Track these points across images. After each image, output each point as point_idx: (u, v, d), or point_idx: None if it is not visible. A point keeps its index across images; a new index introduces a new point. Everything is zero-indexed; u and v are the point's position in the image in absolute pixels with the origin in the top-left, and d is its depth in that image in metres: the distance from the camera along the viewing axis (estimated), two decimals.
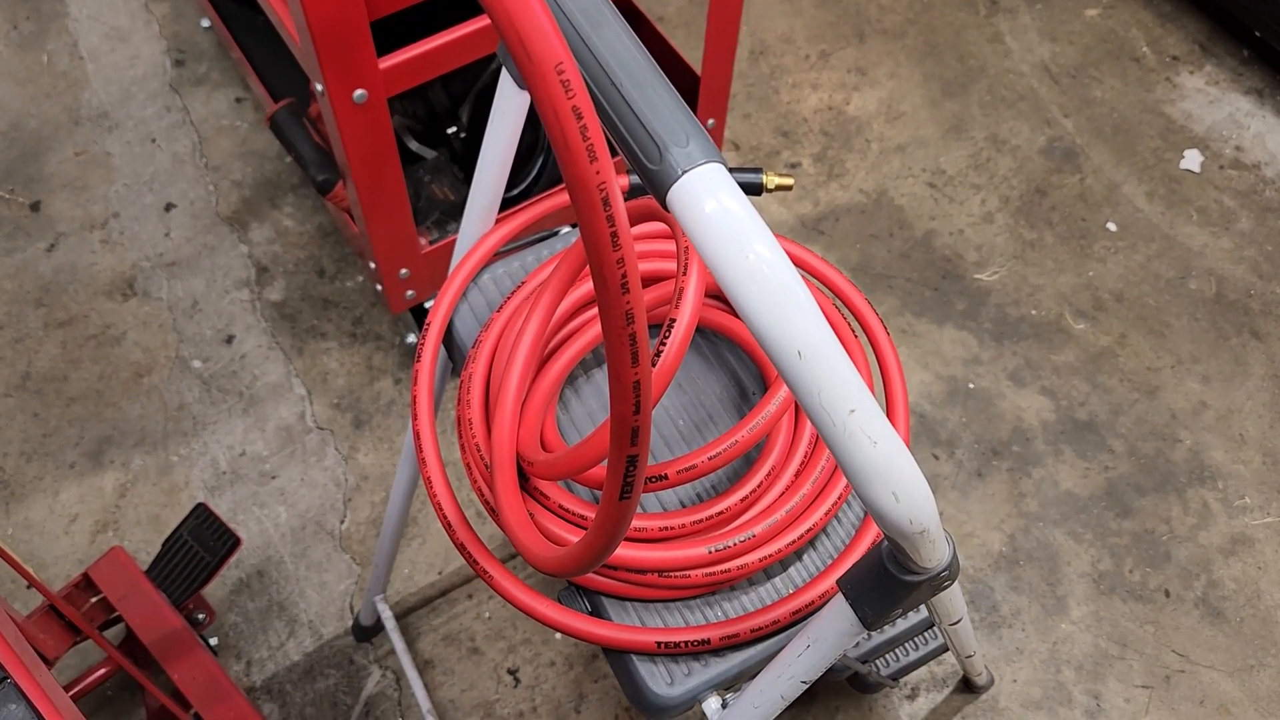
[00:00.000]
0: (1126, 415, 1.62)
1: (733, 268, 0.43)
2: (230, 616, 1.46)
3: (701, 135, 0.43)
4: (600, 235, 0.40)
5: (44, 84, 1.87)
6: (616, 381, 0.46)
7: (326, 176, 1.39)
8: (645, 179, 0.44)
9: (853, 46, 1.96)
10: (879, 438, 0.45)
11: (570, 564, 0.60)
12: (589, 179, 0.39)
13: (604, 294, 0.42)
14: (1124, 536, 1.52)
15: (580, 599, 0.80)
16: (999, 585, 1.49)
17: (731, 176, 0.43)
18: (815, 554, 0.82)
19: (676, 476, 0.74)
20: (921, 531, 0.50)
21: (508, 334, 0.83)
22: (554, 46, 0.37)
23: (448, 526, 0.80)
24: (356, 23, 1.13)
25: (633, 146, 0.44)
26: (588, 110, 0.38)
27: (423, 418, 0.84)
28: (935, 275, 1.73)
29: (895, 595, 0.60)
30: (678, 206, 0.43)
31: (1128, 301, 1.71)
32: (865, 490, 0.47)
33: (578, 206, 0.40)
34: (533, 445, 0.77)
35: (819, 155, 1.85)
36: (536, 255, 0.92)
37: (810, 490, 0.79)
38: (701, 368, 0.89)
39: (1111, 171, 1.84)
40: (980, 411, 1.62)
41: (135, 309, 1.68)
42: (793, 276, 0.44)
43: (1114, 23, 2.00)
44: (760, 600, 0.80)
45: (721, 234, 0.43)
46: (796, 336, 0.43)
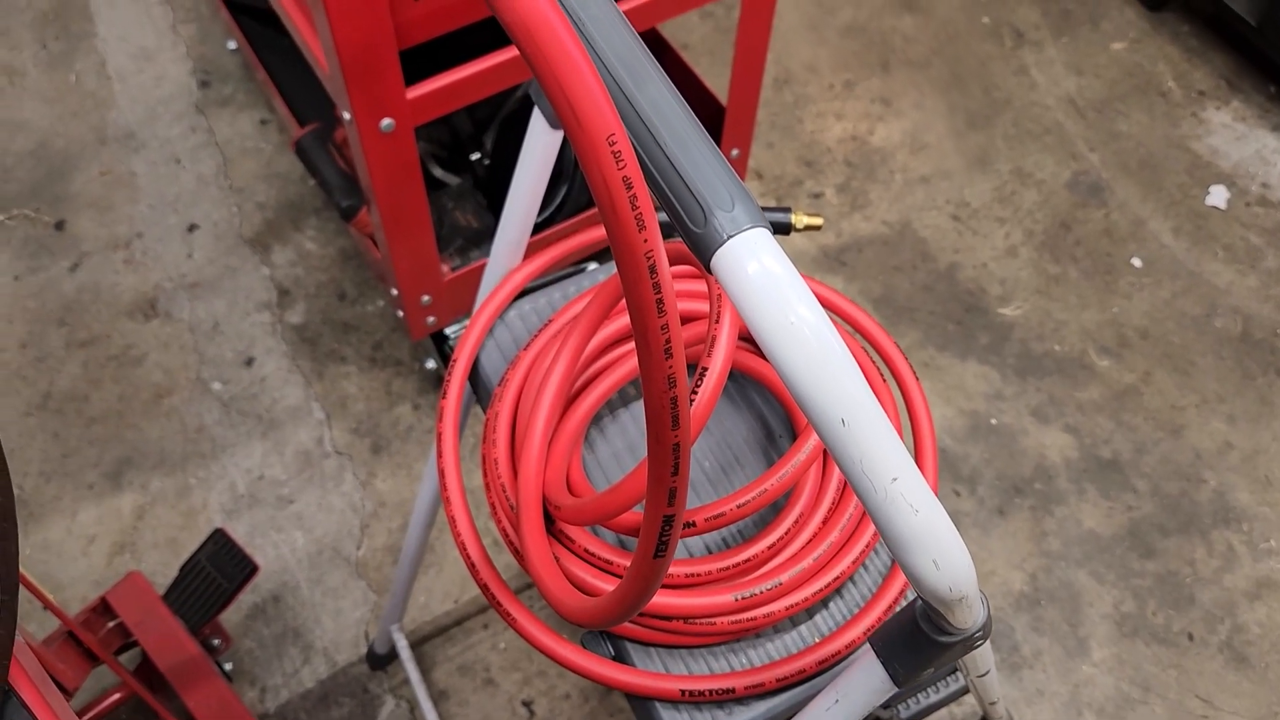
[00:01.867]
0: (1150, 454, 1.60)
1: (779, 336, 0.42)
2: (245, 642, 1.45)
3: (746, 198, 0.43)
4: (646, 302, 0.40)
5: (71, 103, 1.89)
6: (656, 444, 0.45)
7: (351, 202, 1.39)
8: (689, 241, 0.44)
9: (877, 77, 1.95)
10: (921, 505, 0.44)
11: (600, 616, 0.59)
12: (637, 247, 0.38)
13: (647, 358, 0.42)
14: (1147, 578, 1.51)
15: (604, 643, 0.79)
16: (1020, 625, 1.47)
17: (776, 241, 0.42)
18: (842, 602, 0.81)
19: (704, 524, 0.73)
20: (960, 599, 0.49)
21: (534, 373, 0.82)
22: (606, 117, 0.36)
23: (471, 566, 0.80)
24: (385, 52, 1.13)
25: (677, 208, 0.43)
26: (637, 180, 0.38)
27: (448, 455, 0.83)
28: (958, 309, 1.72)
29: (928, 655, 0.59)
30: (722, 270, 0.43)
31: (1153, 339, 1.70)
32: (905, 557, 0.46)
33: (624, 272, 0.39)
34: (559, 488, 0.76)
35: (842, 186, 1.84)
36: (563, 292, 0.92)
37: (838, 538, 0.78)
38: (729, 410, 0.88)
39: (1137, 207, 1.83)
40: (1003, 448, 1.60)
41: (157, 330, 1.68)
42: (837, 343, 0.43)
43: (1140, 57, 1.99)
44: (786, 649, 0.79)
45: (767, 301, 0.42)
46: (840, 404, 0.42)
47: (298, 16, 1.22)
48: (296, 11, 1.23)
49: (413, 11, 1.16)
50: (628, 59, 0.47)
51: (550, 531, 0.77)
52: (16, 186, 1.81)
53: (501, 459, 0.79)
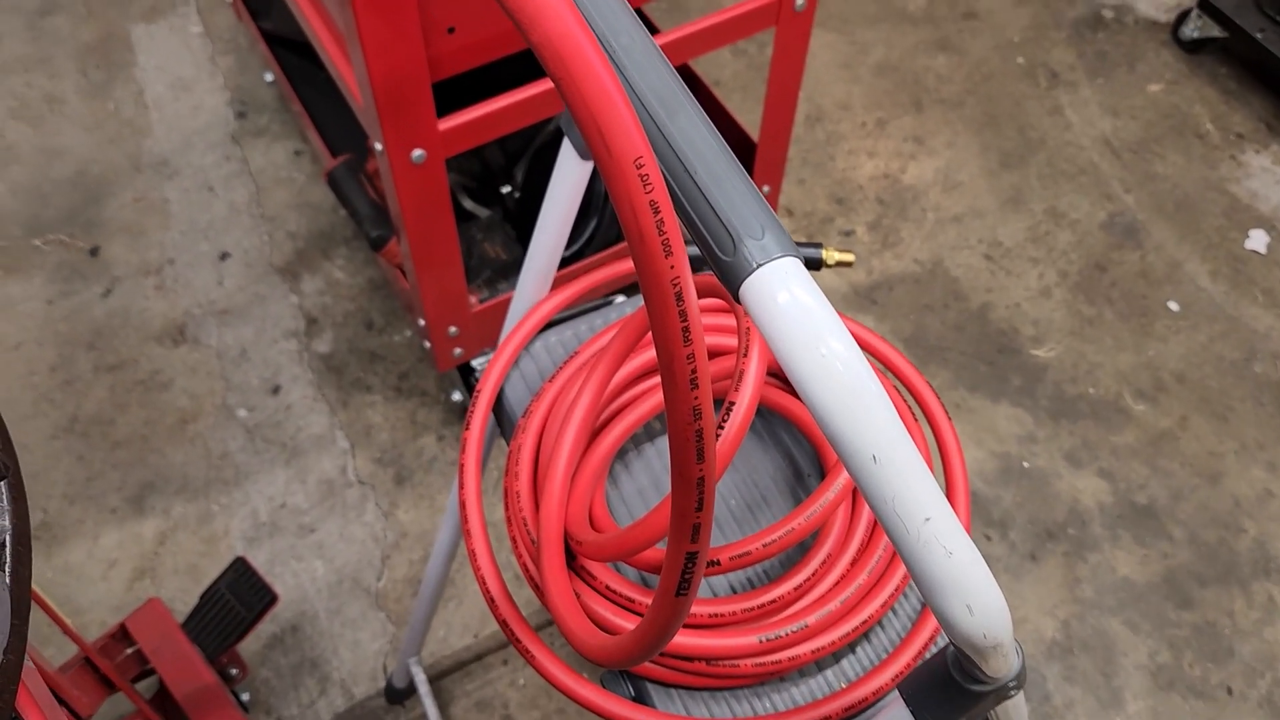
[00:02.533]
0: (1187, 501, 1.56)
1: (809, 368, 0.41)
2: (262, 672, 1.44)
3: (777, 227, 0.42)
4: (672, 330, 0.39)
5: (109, 131, 1.91)
6: (680, 477, 0.44)
7: (380, 233, 1.39)
8: (718, 270, 0.42)
9: (910, 115, 1.95)
10: (955, 548, 0.43)
11: (620, 655, 0.58)
12: (663, 273, 0.37)
13: (672, 389, 0.40)
14: (1184, 628, 1.46)
15: (624, 684, 0.77)
16: (1052, 674, 1.43)
17: (807, 271, 0.41)
18: (869, 647, 0.78)
19: (729, 563, 0.71)
20: (995, 646, 0.47)
21: (559, 405, 0.81)
22: (634, 140, 0.35)
23: (490, 601, 0.78)
24: (418, 84, 1.13)
25: (706, 237, 0.42)
26: (665, 205, 0.37)
27: (469, 487, 0.82)
28: (990, 349, 1.70)
29: (960, 705, 0.56)
30: (751, 300, 0.42)
31: (1190, 383, 1.67)
32: (938, 601, 0.44)
33: (650, 300, 0.38)
34: (581, 523, 0.75)
35: (873, 223, 1.83)
36: (590, 325, 0.91)
37: (866, 580, 0.76)
38: (755, 446, 0.86)
39: (1174, 249, 1.80)
40: (1035, 492, 1.57)
41: (185, 355, 1.69)
42: (870, 378, 0.41)
43: (1177, 99, 1.97)
44: (811, 694, 0.77)
45: (797, 331, 0.41)
46: (872, 440, 0.41)
47: (333, 49, 1.23)
48: (332, 44, 1.24)
49: (446, 45, 1.16)
50: (659, 88, 0.46)
51: (571, 567, 0.76)
52: (53, 212, 1.83)
53: (524, 492, 0.78)
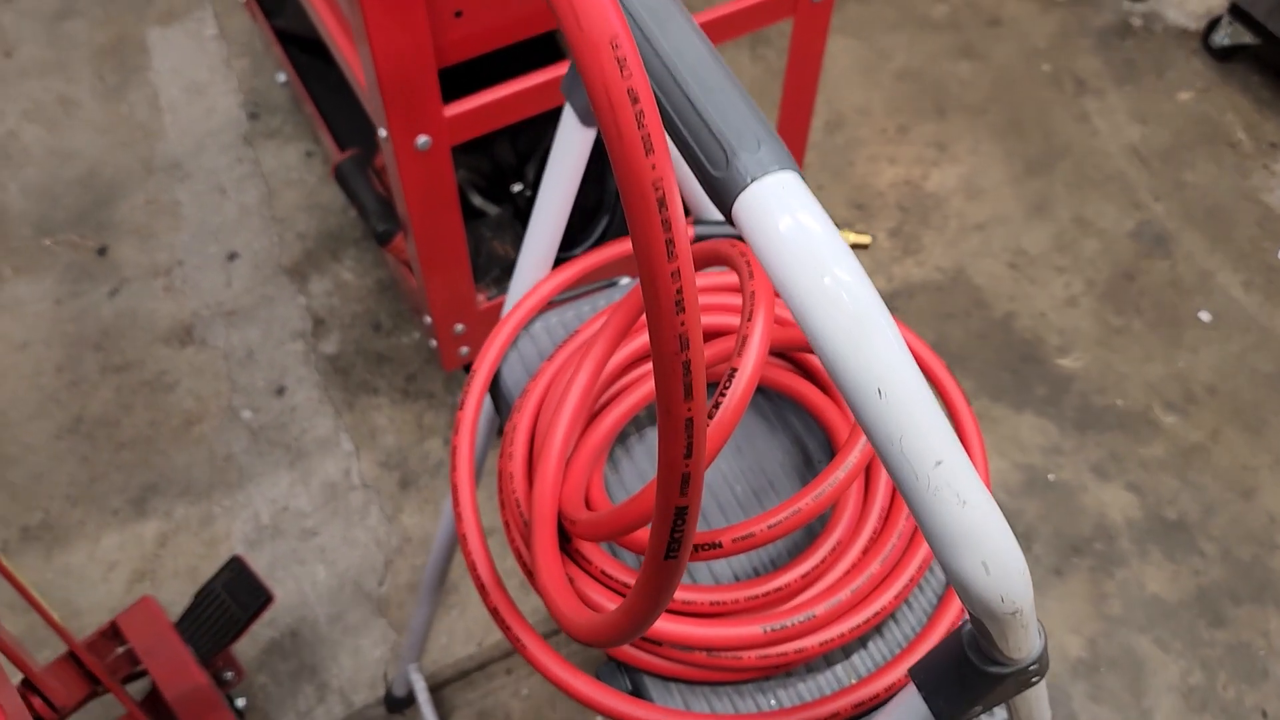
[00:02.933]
0: (1220, 516, 1.50)
1: (806, 290, 0.37)
2: (260, 677, 1.40)
3: (775, 141, 0.38)
4: (654, 242, 0.35)
5: (122, 134, 1.90)
6: (666, 416, 0.40)
7: (387, 227, 1.36)
8: (709, 188, 0.39)
9: (932, 121, 1.91)
10: (969, 496, 0.38)
11: (607, 632, 0.54)
12: (643, 173, 0.33)
13: (655, 312, 0.37)
14: (1217, 648, 1.40)
15: (621, 677, 0.73)
16: (1077, 693, 1.37)
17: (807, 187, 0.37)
18: (882, 642, 0.74)
19: (731, 545, 0.67)
20: (1014, 612, 0.42)
21: (556, 384, 0.77)
22: (610, 19, 0.32)
23: (481, 588, 0.74)
24: (424, 68, 1.10)
25: (696, 151, 0.38)
26: (645, 94, 0.33)
27: (462, 469, 0.78)
28: (1014, 358, 1.65)
29: (976, 688, 0.52)
30: (744, 219, 0.38)
31: (1221, 395, 1.61)
32: (949, 558, 0.40)
33: (629, 206, 0.34)
34: (577, 504, 0.71)
35: (894, 230, 1.79)
36: (593, 305, 0.87)
37: (879, 570, 0.72)
38: (763, 431, 0.82)
39: (1204, 259, 1.75)
40: (1060, 504, 1.52)
41: (191, 357, 1.66)
42: (877, 303, 0.37)
43: (1208, 107, 1.93)
44: (819, 690, 0.72)
45: (794, 251, 0.37)
46: (878, 372, 0.37)
47: (338, 33, 1.21)
48: (337, 28, 1.21)
49: (454, 31, 1.14)
50: (650, 1, 0.43)
51: (566, 552, 0.72)
52: (64, 213, 1.81)
53: (518, 473, 0.74)
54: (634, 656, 0.71)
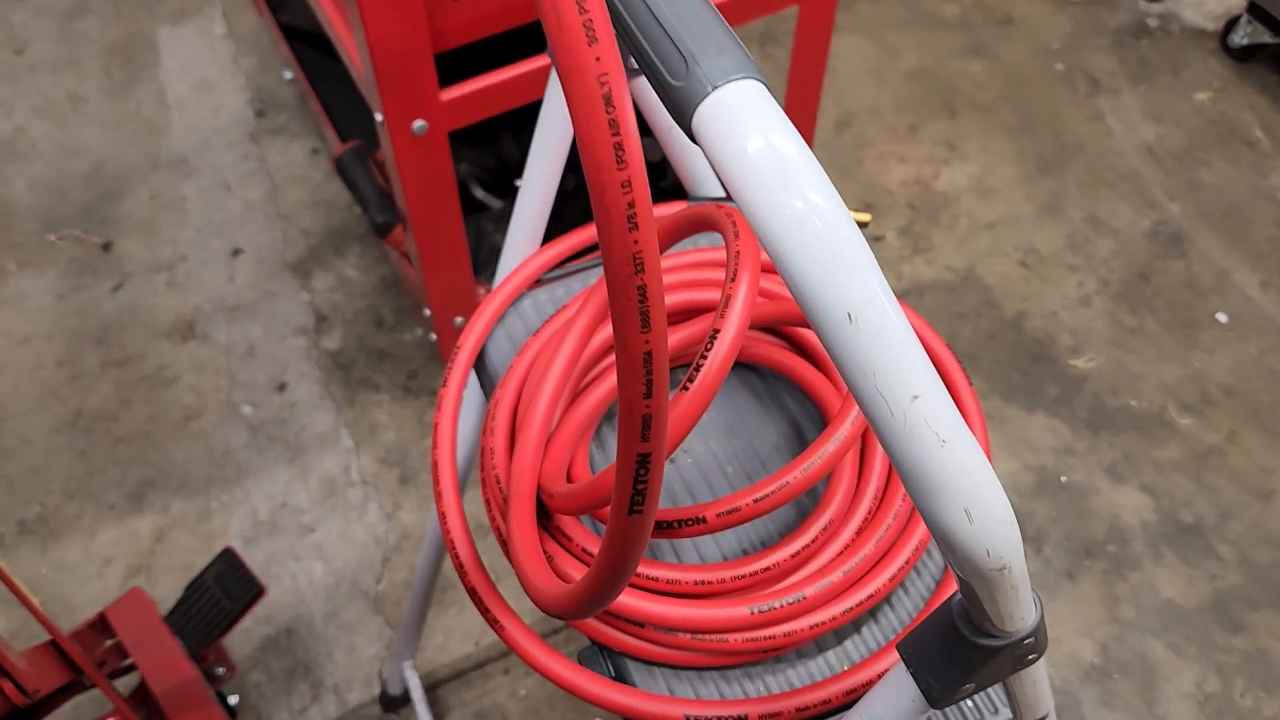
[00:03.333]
0: (1237, 520, 1.46)
1: (768, 204, 0.34)
2: (254, 675, 1.38)
3: (739, 49, 0.36)
4: (600, 146, 0.32)
5: (129, 130, 1.90)
6: (623, 350, 0.37)
7: (386, 218, 1.35)
8: (668, 101, 0.36)
9: (943, 120, 1.88)
10: (949, 435, 0.36)
11: (575, 600, 0.51)
12: (586, 66, 0.31)
13: (606, 229, 0.34)
14: (1234, 654, 1.36)
15: (603, 661, 0.70)
16: (1088, 699, 1.33)
17: (772, 97, 0.35)
18: (876, 627, 0.71)
19: (716, 520, 0.64)
20: (1001, 568, 0.40)
21: (540, 360, 0.75)
22: None
23: (460, 568, 0.71)
24: (420, 52, 1.09)
25: (654, 60, 0.36)
26: None
27: (443, 446, 0.76)
28: (1025, 358, 1.62)
29: (967, 663, 0.49)
30: (705, 131, 0.35)
31: (1238, 396, 1.57)
32: (928, 504, 0.37)
33: (573, 104, 0.32)
34: (558, 479, 0.68)
35: (904, 229, 1.76)
36: (584, 281, 0.85)
37: (874, 551, 0.69)
38: (756, 411, 0.79)
39: (1221, 258, 1.71)
40: (1072, 506, 1.48)
41: (192, 351, 1.65)
42: (847, 223, 0.35)
43: (1225, 106, 1.89)
44: (809, 676, 0.69)
45: (758, 163, 0.34)
46: (847, 296, 0.34)
47: (336, 18, 1.20)
48: (335, 13, 1.20)
49: (451, 15, 1.12)
50: None
51: (548, 530, 0.69)
52: (69, 208, 1.81)
53: (499, 448, 0.72)
54: (616, 639, 0.69)
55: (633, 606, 0.66)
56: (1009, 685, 0.61)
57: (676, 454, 0.77)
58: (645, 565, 0.67)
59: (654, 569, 0.67)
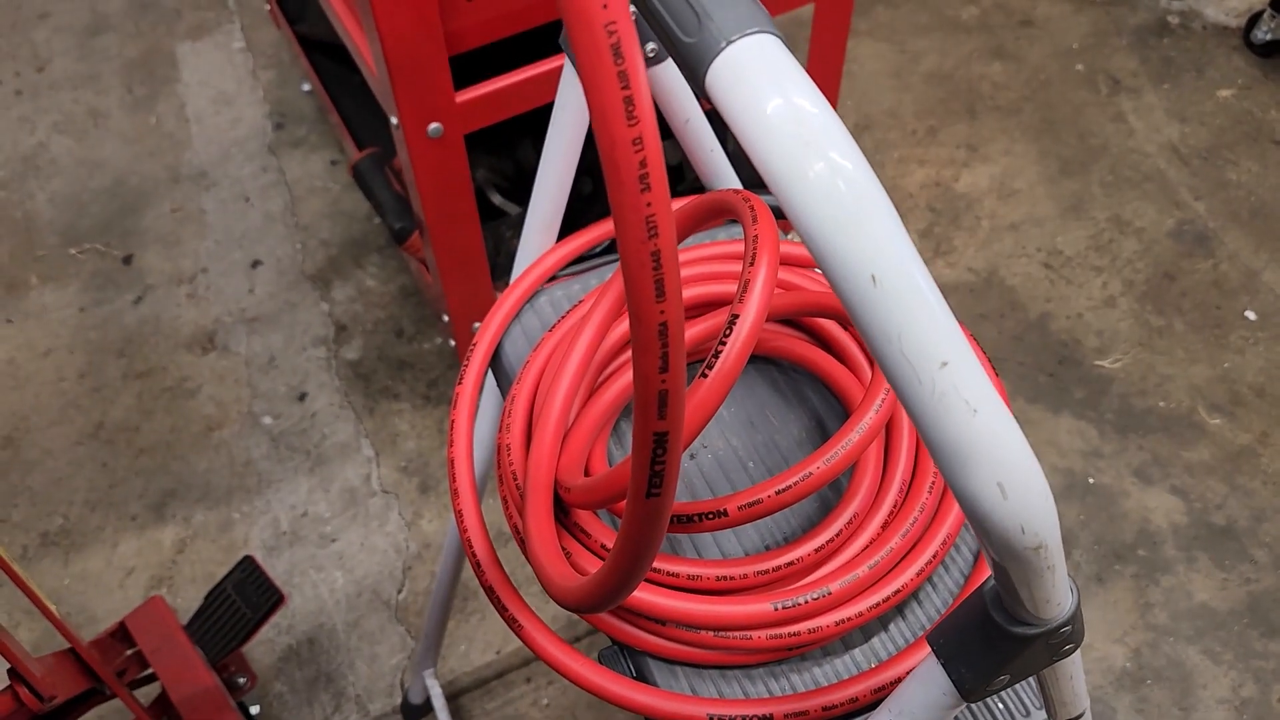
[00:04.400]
0: (1271, 522, 1.43)
1: (788, 165, 0.33)
2: (276, 685, 1.37)
3: (753, 2, 0.34)
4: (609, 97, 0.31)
5: (150, 144, 1.91)
6: (638, 323, 0.36)
7: (403, 225, 1.34)
8: (680, 60, 0.35)
9: (963, 123, 1.87)
10: (981, 403, 0.34)
11: (593, 592, 0.50)
12: (593, 11, 0.30)
13: (617, 192, 0.33)
14: (1271, 660, 1.33)
15: (624, 660, 0.69)
16: (1122, 706, 1.30)
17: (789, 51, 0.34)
18: (904, 623, 0.69)
19: (738, 513, 0.63)
20: (1038, 547, 0.38)
21: (557, 355, 0.74)
22: None
23: (476, 566, 0.70)
24: (434, 55, 1.09)
25: (664, 15, 0.35)
26: None
27: (459, 443, 0.74)
28: (1051, 360, 1.59)
29: (1001, 653, 0.47)
30: (720, 89, 0.34)
31: (1270, 397, 1.54)
32: (958, 476, 0.35)
33: (580, 56, 0.31)
34: (575, 473, 0.67)
35: (925, 231, 1.74)
36: (600, 276, 0.84)
37: (900, 544, 0.67)
38: (779, 406, 0.78)
39: (1249, 258, 1.68)
40: (1101, 509, 1.45)
41: (213, 363, 1.65)
42: (871, 181, 0.34)
43: (1250, 104, 1.87)
44: (836, 674, 0.67)
45: (775, 122, 0.33)
46: (871, 257, 0.33)
47: (350, 22, 1.20)
48: (349, 17, 1.20)
49: (465, 17, 1.12)
50: None
51: (565, 526, 0.68)
52: (90, 221, 1.82)
53: (515, 445, 0.71)
54: (637, 637, 0.67)
55: (653, 603, 0.65)
56: (1043, 680, 0.59)
57: (696, 448, 0.75)
58: (665, 561, 0.66)
59: (674, 565, 0.65)
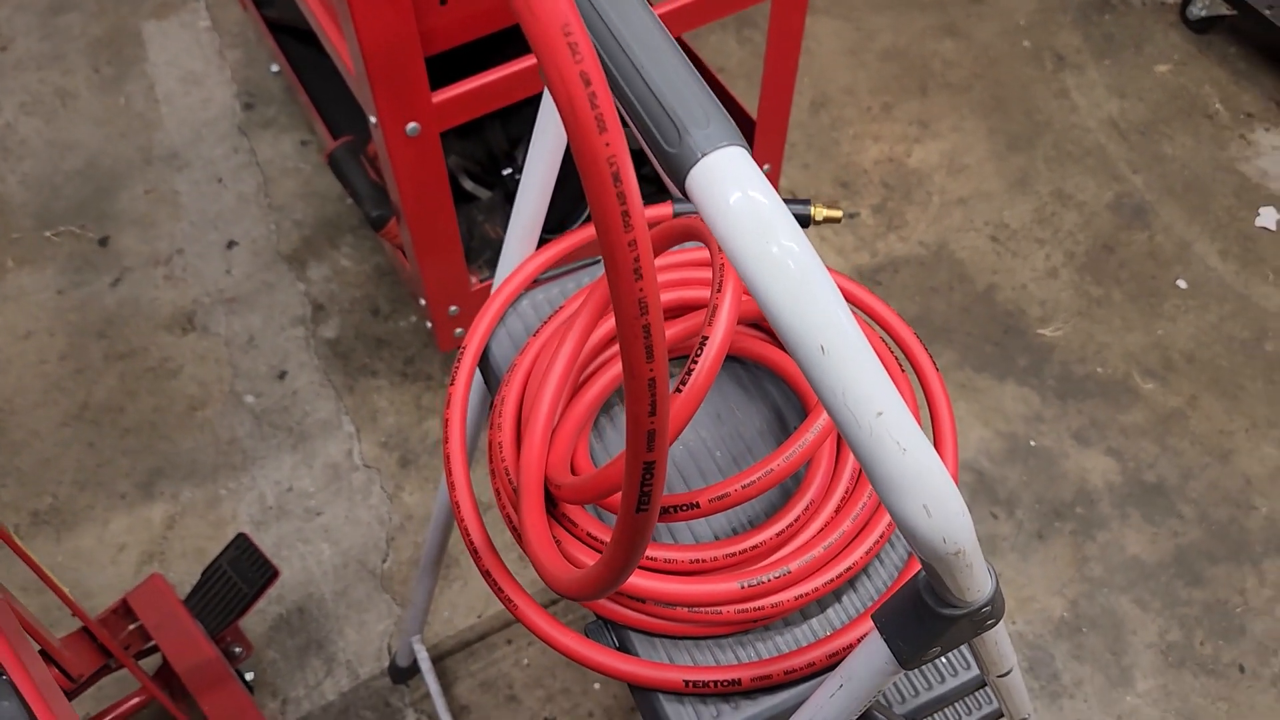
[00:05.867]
0: (1198, 480, 1.54)
1: (754, 257, 0.40)
2: (269, 653, 1.45)
3: (723, 117, 0.42)
4: (610, 214, 0.38)
5: (120, 125, 1.93)
6: (631, 378, 0.43)
7: (380, 212, 1.40)
8: (663, 163, 0.42)
9: (916, 99, 1.94)
10: (909, 444, 0.42)
11: (589, 585, 0.57)
12: (598, 151, 0.37)
13: (615, 279, 0.40)
14: (1195, 607, 1.45)
15: (608, 634, 0.77)
16: (1060, 653, 1.42)
17: (754, 162, 0.41)
18: (855, 596, 0.78)
19: (709, 505, 0.71)
20: (956, 552, 0.46)
21: (542, 358, 0.81)
22: (560, 6, 0.35)
23: (474, 552, 0.78)
24: (411, 56, 1.14)
25: (650, 127, 0.42)
26: (597, 77, 0.36)
27: (454, 439, 0.82)
28: (997, 330, 1.69)
29: (932, 630, 0.56)
30: (697, 191, 0.41)
31: (1199, 362, 1.65)
32: (893, 502, 0.44)
33: (587, 181, 0.38)
34: (562, 470, 0.75)
35: (878, 206, 1.82)
36: (578, 281, 0.91)
37: (850, 527, 0.76)
38: (741, 399, 0.86)
39: (1183, 229, 1.78)
40: (1042, 471, 1.56)
41: (194, 343, 1.70)
42: (817, 267, 0.41)
43: (1185, 79, 1.96)
44: (795, 642, 0.76)
45: (742, 221, 0.41)
46: (819, 330, 0.41)
47: (327, 23, 1.24)
48: (326, 18, 1.25)
49: (439, 18, 1.17)
50: None
51: (554, 516, 0.76)
52: (64, 204, 1.85)
53: (506, 443, 0.78)
54: (620, 614, 0.75)
55: (635, 585, 0.73)
56: (973, 646, 0.68)
57: None
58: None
59: (653, 550, 0.74)
